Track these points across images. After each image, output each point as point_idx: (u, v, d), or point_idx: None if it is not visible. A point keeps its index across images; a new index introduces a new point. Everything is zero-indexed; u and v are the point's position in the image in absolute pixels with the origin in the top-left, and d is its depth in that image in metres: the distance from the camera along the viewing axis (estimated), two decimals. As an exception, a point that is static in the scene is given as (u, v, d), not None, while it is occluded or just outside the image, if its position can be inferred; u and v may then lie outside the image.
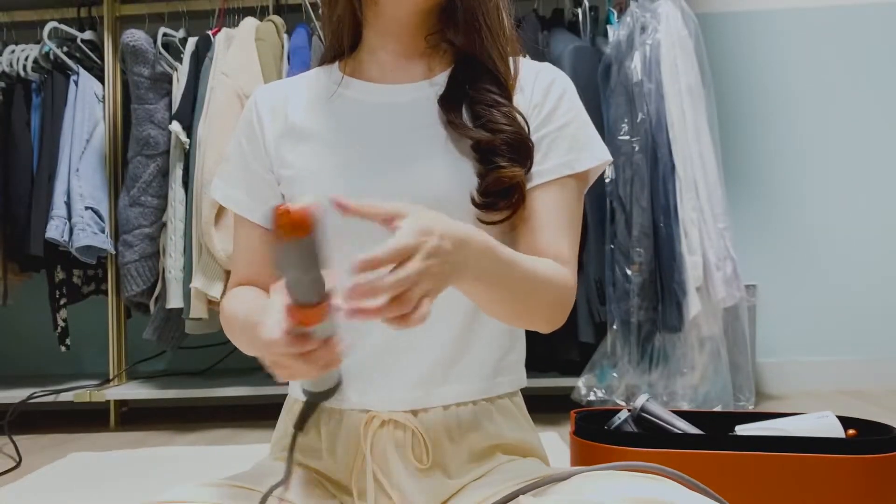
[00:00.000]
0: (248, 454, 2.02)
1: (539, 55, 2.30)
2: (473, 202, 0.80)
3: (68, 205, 2.39)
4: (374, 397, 0.81)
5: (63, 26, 2.55)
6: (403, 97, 0.87)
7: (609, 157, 0.88)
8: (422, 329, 0.80)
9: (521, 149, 0.82)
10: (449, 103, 0.84)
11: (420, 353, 0.81)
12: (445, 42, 0.88)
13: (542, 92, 0.87)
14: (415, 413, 0.81)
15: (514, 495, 0.69)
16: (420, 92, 0.87)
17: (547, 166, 0.84)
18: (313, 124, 0.88)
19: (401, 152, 0.84)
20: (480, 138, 0.81)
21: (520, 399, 0.90)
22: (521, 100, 0.86)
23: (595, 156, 0.86)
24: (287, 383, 0.91)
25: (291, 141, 0.88)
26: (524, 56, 0.92)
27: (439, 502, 0.79)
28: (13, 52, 2.53)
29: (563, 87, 0.89)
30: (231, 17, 2.59)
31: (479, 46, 0.85)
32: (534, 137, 0.85)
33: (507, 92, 0.85)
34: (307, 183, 0.85)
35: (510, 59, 0.87)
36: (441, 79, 0.87)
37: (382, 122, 0.86)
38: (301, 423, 0.74)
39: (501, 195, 0.80)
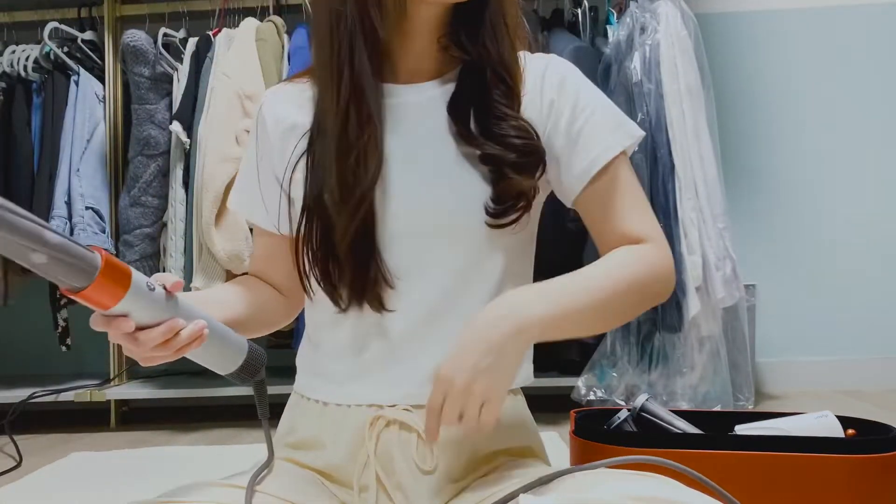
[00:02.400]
0: (248, 454, 2.03)
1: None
2: (486, 210, 0.81)
3: (69, 205, 2.40)
4: (382, 393, 0.81)
5: (64, 26, 2.56)
6: (414, 97, 0.86)
7: (641, 132, 0.88)
8: (432, 325, 0.81)
9: (531, 159, 0.83)
10: (457, 112, 0.84)
11: (430, 349, 0.81)
12: (454, 43, 0.86)
13: (556, 88, 0.86)
14: (421, 408, 0.81)
15: (514, 494, 0.69)
16: (430, 91, 0.86)
17: (593, 154, 0.84)
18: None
19: (410, 155, 0.83)
20: (491, 153, 0.81)
21: (523, 401, 0.90)
22: (530, 99, 0.86)
23: (631, 132, 0.86)
24: (291, 383, 0.91)
25: (297, 141, 0.86)
26: (529, 51, 0.90)
27: (441, 504, 0.79)
28: (14, 52, 2.53)
29: (576, 78, 0.88)
30: (231, 17, 2.59)
31: (494, 51, 0.83)
32: (562, 134, 0.85)
33: (515, 99, 0.84)
34: None
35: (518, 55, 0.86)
36: (451, 77, 0.86)
37: (392, 123, 0.84)
38: (264, 409, 0.80)
39: (512, 203, 0.81)
